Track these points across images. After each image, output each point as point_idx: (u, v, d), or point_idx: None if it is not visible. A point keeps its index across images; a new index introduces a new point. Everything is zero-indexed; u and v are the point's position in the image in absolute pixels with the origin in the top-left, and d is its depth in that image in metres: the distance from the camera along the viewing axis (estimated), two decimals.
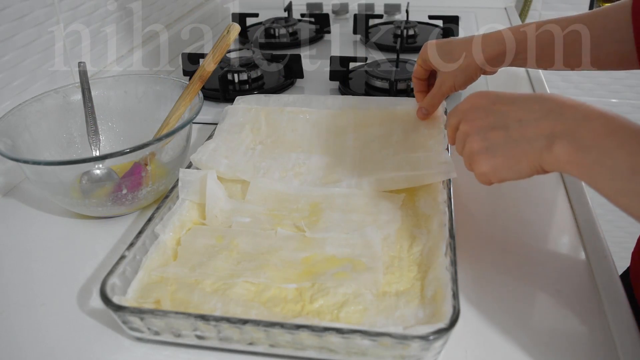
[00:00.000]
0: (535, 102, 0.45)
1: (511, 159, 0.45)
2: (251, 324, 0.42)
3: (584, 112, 0.42)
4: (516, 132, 0.44)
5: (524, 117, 0.44)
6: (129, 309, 0.45)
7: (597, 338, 0.48)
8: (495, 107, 0.47)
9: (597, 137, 0.40)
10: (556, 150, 0.42)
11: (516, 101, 0.46)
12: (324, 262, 0.52)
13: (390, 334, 0.41)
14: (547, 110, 0.44)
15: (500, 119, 0.46)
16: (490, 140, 0.46)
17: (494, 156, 0.45)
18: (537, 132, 0.43)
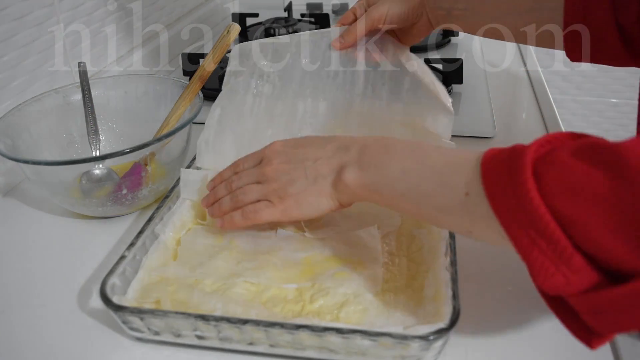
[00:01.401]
0: (328, 142, 0.50)
1: (311, 197, 0.49)
2: (251, 324, 0.42)
3: (364, 142, 0.48)
4: (313, 172, 0.49)
5: (317, 155, 0.50)
6: (129, 309, 0.45)
7: None
8: (295, 152, 0.51)
9: (375, 156, 0.47)
10: (345, 178, 0.47)
11: (310, 144, 0.51)
12: (324, 262, 0.52)
13: (390, 334, 0.41)
14: (336, 148, 0.49)
15: (298, 159, 0.51)
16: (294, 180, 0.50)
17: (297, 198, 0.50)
18: (330, 169, 0.49)
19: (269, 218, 0.52)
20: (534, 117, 0.86)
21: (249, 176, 0.53)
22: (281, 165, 0.51)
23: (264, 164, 0.52)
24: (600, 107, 1.59)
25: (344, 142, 0.50)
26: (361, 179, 0.47)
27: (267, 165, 0.51)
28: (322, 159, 0.49)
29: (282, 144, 0.53)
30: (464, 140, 0.78)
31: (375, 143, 0.48)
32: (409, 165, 0.44)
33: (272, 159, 0.51)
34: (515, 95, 0.97)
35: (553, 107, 0.86)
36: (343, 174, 0.47)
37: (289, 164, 0.50)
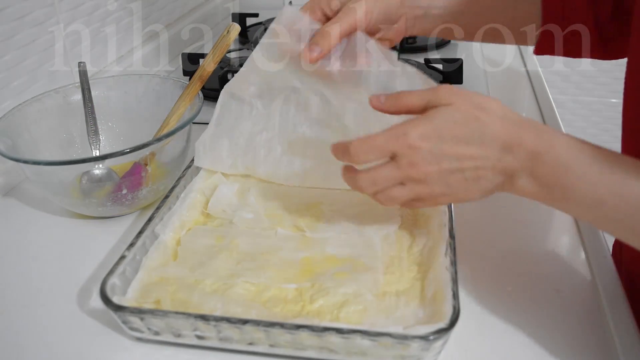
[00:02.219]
0: (482, 138, 0.43)
1: (472, 194, 0.45)
2: (251, 324, 0.42)
3: (533, 147, 0.42)
4: (473, 175, 0.44)
5: (477, 161, 0.43)
6: (129, 309, 0.45)
7: (597, 338, 0.48)
8: (444, 149, 0.43)
9: (555, 175, 0.41)
10: (519, 185, 0.43)
11: (461, 141, 0.43)
12: (324, 262, 0.52)
13: (390, 334, 0.41)
14: (498, 149, 0.43)
15: (454, 164, 0.43)
16: (451, 185, 0.45)
17: (453, 195, 0.46)
18: (495, 173, 0.44)
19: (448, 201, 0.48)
20: (534, 117, 0.86)
21: (389, 179, 0.46)
22: (430, 168, 0.44)
23: (405, 164, 0.44)
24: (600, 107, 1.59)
25: (505, 141, 0.42)
26: (543, 195, 0.43)
27: (411, 168, 0.44)
28: (483, 163, 0.43)
29: (421, 138, 0.43)
30: None
31: (549, 153, 0.41)
32: (604, 195, 0.39)
33: (414, 159, 0.44)
34: (515, 95, 0.97)
35: (553, 107, 0.86)
36: (516, 183, 0.43)
37: (441, 166, 0.43)
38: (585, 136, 0.44)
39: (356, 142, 0.46)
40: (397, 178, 0.45)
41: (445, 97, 0.44)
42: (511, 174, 0.43)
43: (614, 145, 0.47)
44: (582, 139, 0.43)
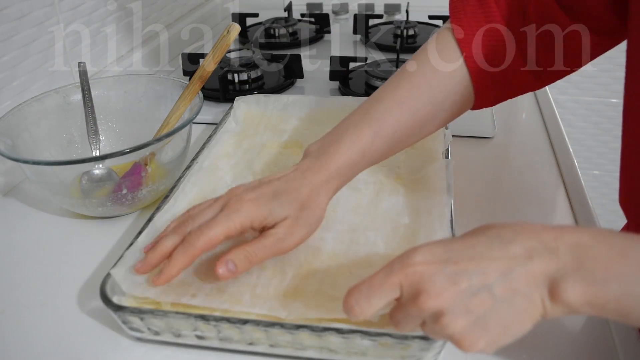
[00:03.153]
0: (502, 242, 0.35)
1: (509, 325, 0.35)
2: (251, 324, 0.43)
3: (577, 240, 0.34)
4: (504, 290, 0.34)
5: (504, 267, 0.34)
6: (129, 309, 0.45)
7: (597, 338, 0.48)
8: (460, 267, 0.35)
9: (610, 266, 0.33)
10: (565, 295, 0.33)
11: (477, 249, 0.35)
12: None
13: (390, 334, 0.41)
14: (527, 249, 0.34)
15: (475, 279, 0.34)
16: (475, 311, 0.34)
17: (485, 329, 0.35)
18: (531, 282, 0.34)
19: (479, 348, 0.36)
20: (534, 117, 0.86)
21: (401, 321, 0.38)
22: (447, 298, 0.34)
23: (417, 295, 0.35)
24: (600, 107, 1.59)
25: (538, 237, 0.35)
26: (595, 298, 0.33)
27: (427, 300, 0.34)
28: (513, 270, 0.34)
29: (425, 255, 0.36)
30: (464, 140, 0.78)
31: (594, 242, 0.34)
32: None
33: (426, 287, 0.35)
34: None
35: (553, 107, 0.86)
36: (560, 291, 0.33)
37: (459, 287, 0.34)
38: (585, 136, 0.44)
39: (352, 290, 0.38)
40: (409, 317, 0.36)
41: None
42: (552, 279, 0.34)
43: (615, 144, 0.47)
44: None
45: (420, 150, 0.67)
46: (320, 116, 0.77)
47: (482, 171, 0.72)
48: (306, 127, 0.75)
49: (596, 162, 1.61)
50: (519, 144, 0.79)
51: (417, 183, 0.62)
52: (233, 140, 0.73)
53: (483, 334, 0.35)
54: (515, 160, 0.75)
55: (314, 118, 0.77)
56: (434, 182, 0.60)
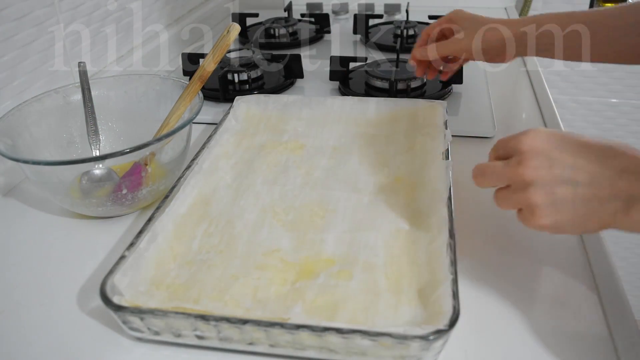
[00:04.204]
0: (606, 156, 0.40)
1: (579, 218, 0.40)
2: (251, 323, 0.42)
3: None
4: (587, 191, 0.40)
5: (595, 175, 0.40)
6: (128, 309, 0.45)
7: (597, 338, 0.48)
8: (561, 157, 0.41)
9: None
10: (636, 215, 0.38)
11: (583, 152, 0.41)
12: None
13: (390, 334, 0.41)
14: (622, 169, 0.39)
15: (568, 173, 0.40)
16: (556, 195, 0.40)
17: (559, 212, 0.41)
18: (612, 194, 0.39)
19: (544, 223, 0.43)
20: (534, 117, 0.86)
21: (494, 175, 0.44)
22: (541, 175, 0.40)
23: (514, 162, 0.42)
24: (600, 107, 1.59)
25: (632, 161, 0.39)
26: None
27: (517, 167, 0.42)
28: (599, 180, 0.39)
29: (545, 139, 0.41)
30: (464, 140, 0.78)
31: None
32: None
33: (524, 158, 0.41)
34: (515, 96, 0.97)
35: (553, 107, 0.86)
36: (633, 210, 0.38)
37: (552, 171, 0.40)
38: None
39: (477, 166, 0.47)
40: (502, 176, 0.43)
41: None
42: (629, 199, 0.39)
43: None
44: None
45: (420, 151, 0.68)
46: (320, 116, 0.77)
47: None
48: (306, 127, 0.75)
49: None
50: None
51: (417, 184, 0.62)
52: (233, 140, 0.73)
53: (553, 215, 0.41)
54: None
55: (314, 118, 0.77)
56: (433, 183, 0.60)
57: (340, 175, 0.65)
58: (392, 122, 0.75)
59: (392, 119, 0.75)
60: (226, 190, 0.63)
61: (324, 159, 0.68)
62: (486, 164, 0.46)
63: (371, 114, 0.76)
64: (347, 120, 0.76)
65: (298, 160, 0.68)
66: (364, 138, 0.72)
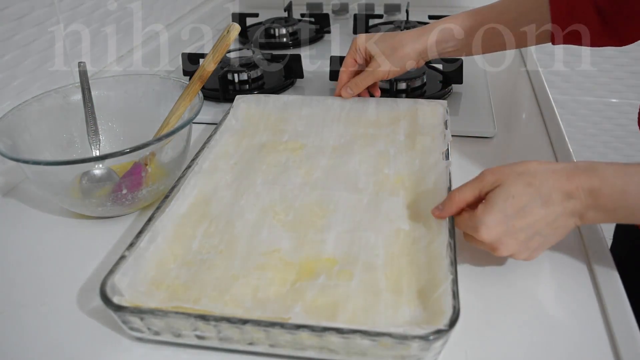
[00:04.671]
0: (547, 200, 0.49)
1: (553, 242, 0.52)
2: (251, 323, 0.42)
3: (590, 187, 0.48)
4: (549, 229, 0.50)
5: (547, 216, 0.49)
6: (128, 309, 0.45)
7: (597, 338, 0.48)
8: (516, 225, 0.49)
9: (617, 201, 0.48)
10: (589, 218, 0.50)
11: (527, 208, 0.49)
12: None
13: (390, 334, 0.41)
14: (561, 201, 0.49)
15: (529, 232, 0.50)
16: (532, 247, 0.51)
17: (540, 249, 0.52)
18: (566, 219, 0.50)
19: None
20: (534, 117, 0.86)
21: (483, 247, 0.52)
22: (510, 245, 0.50)
23: (494, 250, 0.51)
24: (600, 107, 1.59)
25: (565, 191, 0.49)
26: (609, 219, 0.50)
27: (498, 251, 0.51)
28: (553, 217, 0.49)
29: (495, 224, 0.49)
30: (464, 140, 0.78)
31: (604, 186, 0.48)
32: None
33: (498, 245, 0.50)
34: (515, 96, 0.97)
35: (553, 107, 0.86)
36: (585, 218, 0.50)
37: (518, 240, 0.50)
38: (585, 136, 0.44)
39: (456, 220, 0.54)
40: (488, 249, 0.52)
41: (491, 180, 0.51)
42: (580, 213, 0.50)
43: (615, 144, 0.49)
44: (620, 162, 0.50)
45: (420, 151, 0.68)
46: (320, 116, 0.77)
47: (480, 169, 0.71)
48: (306, 127, 0.75)
49: None
50: (519, 144, 0.79)
51: (417, 183, 0.62)
52: (233, 139, 0.73)
53: (538, 252, 0.52)
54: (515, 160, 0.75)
55: (314, 118, 0.77)
56: (433, 182, 0.60)
57: (340, 175, 0.65)
58: (392, 121, 0.75)
59: (393, 118, 0.75)
60: (226, 190, 0.63)
61: (324, 159, 0.68)
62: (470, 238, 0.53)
63: (371, 113, 0.76)
64: (347, 119, 0.76)
65: (298, 160, 0.68)
66: (364, 138, 0.72)
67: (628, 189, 0.48)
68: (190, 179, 0.62)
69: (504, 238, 0.50)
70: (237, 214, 0.59)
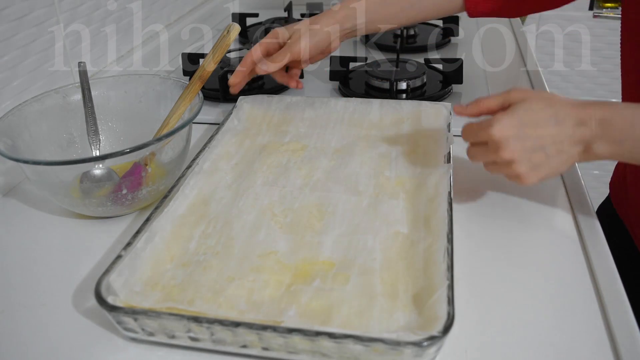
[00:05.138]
0: (560, 119, 0.53)
1: (554, 168, 0.54)
2: (244, 326, 0.42)
3: (602, 116, 0.52)
4: (553, 149, 0.53)
5: (555, 136, 0.53)
6: (123, 309, 0.45)
7: (597, 338, 0.48)
8: (527, 132, 0.53)
9: (625, 132, 0.51)
10: (594, 151, 0.53)
11: (542, 122, 0.53)
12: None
13: (383, 340, 0.40)
14: (574, 124, 0.52)
15: (536, 142, 0.53)
16: (533, 161, 0.53)
17: (539, 171, 0.54)
18: (572, 144, 0.53)
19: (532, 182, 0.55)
20: None
21: (483, 158, 0.57)
22: (517, 153, 0.53)
23: (493, 149, 0.54)
24: None
25: (578, 117, 0.52)
26: (615, 152, 0.53)
27: (502, 150, 0.53)
28: (562, 140, 0.53)
29: (509, 126, 0.53)
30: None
31: (615, 116, 0.52)
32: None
33: (505, 145, 0.53)
34: None
35: None
36: (592, 149, 0.52)
37: (524, 145, 0.53)
38: None
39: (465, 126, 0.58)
40: (489, 158, 0.56)
41: (519, 96, 0.55)
42: (587, 142, 0.52)
43: None
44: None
45: (422, 154, 0.67)
46: (323, 117, 0.77)
47: (482, 171, 0.71)
48: (308, 128, 0.75)
49: (596, 162, 1.60)
50: None
51: (418, 186, 0.62)
52: (235, 140, 0.73)
53: (536, 174, 0.54)
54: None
55: (317, 119, 0.77)
56: (434, 186, 0.60)
57: (340, 177, 0.65)
58: (395, 124, 0.74)
59: (395, 120, 0.75)
60: (226, 191, 0.63)
61: (325, 160, 0.68)
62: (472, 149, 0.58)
63: (374, 115, 0.76)
64: (349, 121, 0.76)
65: (299, 161, 0.68)
66: (366, 140, 0.72)
67: (636, 121, 0.51)
68: (190, 179, 0.62)
69: (511, 140, 0.53)
70: (235, 215, 0.59)
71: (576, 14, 1.50)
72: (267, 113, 0.78)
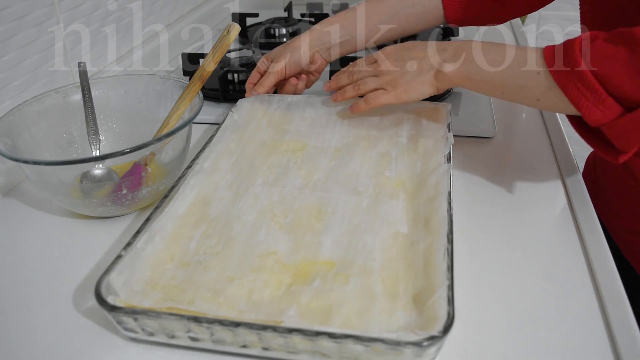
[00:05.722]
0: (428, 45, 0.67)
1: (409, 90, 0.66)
2: (244, 326, 0.42)
3: (457, 45, 0.64)
4: (417, 67, 0.66)
5: (421, 56, 0.66)
6: (123, 309, 0.45)
7: (597, 338, 0.48)
8: (402, 54, 0.68)
9: (469, 53, 0.62)
10: (444, 69, 0.63)
11: (414, 49, 0.67)
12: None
13: (383, 340, 0.40)
14: (436, 50, 0.66)
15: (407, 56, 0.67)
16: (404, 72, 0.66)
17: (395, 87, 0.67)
18: (431, 65, 0.65)
19: (386, 102, 0.68)
20: (534, 117, 0.86)
21: (367, 71, 0.70)
22: (393, 63, 0.68)
23: (379, 62, 0.69)
24: None
25: (441, 45, 0.66)
26: (458, 70, 0.62)
27: (382, 63, 0.68)
28: (425, 57, 0.66)
29: (393, 48, 0.69)
30: (464, 140, 0.78)
31: (467, 47, 0.63)
32: (494, 57, 0.60)
33: (385, 59, 0.68)
34: None
35: None
36: (442, 67, 0.63)
37: (399, 62, 0.67)
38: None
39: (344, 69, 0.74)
40: (372, 71, 0.69)
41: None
42: (441, 63, 0.64)
43: None
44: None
45: (422, 154, 0.67)
46: (323, 117, 0.77)
47: (482, 171, 0.72)
48: (309, 128, 0.75)
49: None
50: (519, 144, 0.79)
51: (418, 186, 0.62)
52: (235, 139, 0.73)
53: (393, 89, 0.67)
54: (515, 160, 0.75)
55: (317, 118, 0.77)
56: (434, 186, 0.60)
57: (340, 177, 0.65)
58: (395, 124, 0.74)
59: (396, 120, 0.75)
60: (226, 191, 0.63)
61: (325, 160, 0.68)
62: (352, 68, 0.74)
63: (375, 115, 0.76)
64: (350, 121, 0.76)
65: (299, 161, 0.68)
66: (367, 139, 0.72)
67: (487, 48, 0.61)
68: (190, 179, 0.62)
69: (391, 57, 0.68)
70: (235, 216, 0.59)
71: (576, 14, 1.50)
72: (268, 112, 0.78)
